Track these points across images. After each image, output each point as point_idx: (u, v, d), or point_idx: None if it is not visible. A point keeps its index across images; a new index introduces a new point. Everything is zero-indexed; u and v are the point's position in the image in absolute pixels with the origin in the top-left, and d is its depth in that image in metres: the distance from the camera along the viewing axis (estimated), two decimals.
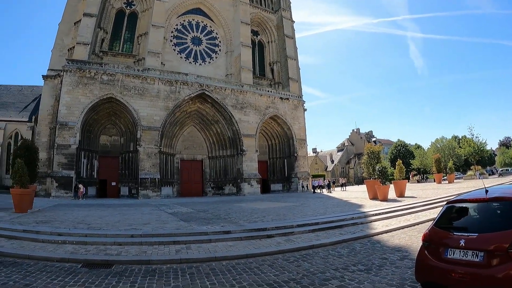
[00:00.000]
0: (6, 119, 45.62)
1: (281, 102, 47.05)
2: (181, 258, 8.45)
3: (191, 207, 22.73)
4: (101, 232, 11.14)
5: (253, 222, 13.65)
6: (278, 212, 17.75)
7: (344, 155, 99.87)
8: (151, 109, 37.17)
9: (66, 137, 33.58)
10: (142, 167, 35.95)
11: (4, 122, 45.23)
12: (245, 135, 42.08)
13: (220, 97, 41.49)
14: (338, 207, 19.76)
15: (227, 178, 43.59)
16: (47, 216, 15.79)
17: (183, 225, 12.98)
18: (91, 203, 27.19)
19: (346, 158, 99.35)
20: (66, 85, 34.53)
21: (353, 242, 10.84)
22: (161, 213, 18.35)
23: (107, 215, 16.96)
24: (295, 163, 46.94)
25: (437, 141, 69.72)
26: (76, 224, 13.01)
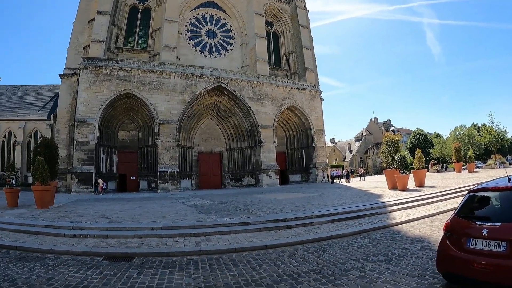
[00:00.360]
0: (25, 119, 46.68)
1: (297, 92, 46.69)
2: (201, 250, 8.47)
3: (210, 199, 22.83)
4: (121, 225, 11.27)
5: (272, 213, 13.62)
6: (297, 203, 17.66)
7: (362, 144, 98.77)
8: (168, 103, 37.33)
9: (85, 133, 34.08)
10: (161, 161, 36.21)
11: (23, 122, 46.31)
12: (262, 127, 41.94)
13: (237, 89, 41.40)
14: (357, 197, 19.56)
15: (246, 169, 43.61)
16: (68, 211, 16.05)
17: (202, 217, 13.02)
18: (111, 197, 27.56)
19: (364, 147, 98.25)
20: (83, 82, 35.00)
21: (373, 232, 10.69)
22: (181, 205, 18.47)
23: (127, 208, 17.15)
24: (313, 154, 46.64)
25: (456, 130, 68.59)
26: (97, 218, 13.18)
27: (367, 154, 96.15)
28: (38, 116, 48.22)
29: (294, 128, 48.54)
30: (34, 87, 55.98)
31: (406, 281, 5.85)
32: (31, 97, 52.92)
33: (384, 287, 5.68)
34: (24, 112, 49.08)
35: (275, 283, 6.10)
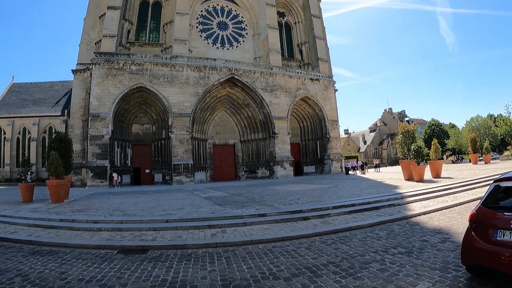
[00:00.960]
0: (39, 115, 47.21)
1: (311, 83, 46.15)
2: (216, 242, 8.32)
3: (225, 191, 22.73)
4: (136, 218, 11.19)
5: (288, 205, 13.41)
6: (312, 194, 17.43)
7: (376, 135, 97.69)
8: (181, 96, 37.23)
9: (98, 128, 34.21)
10: (175, 153, 36.21)
11: (37, 118, 46.95)
12: (276, 118, 41.58)
13: (250, 81, 41.08)
14: (373, 188, 19.23)
15: (260, 161, 43.41)
16: (83, 205, 16.07)
17: (217, 209, 12.90)
18: (125, 190, 27.66)
19: (378, 138, 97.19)
20: (95, 77, 35.08)
21: (391, 224, 10.46)
22: (195, 197, 18.37)
23: (142, 201, 17.11)
24: (328, 145, 46.18)
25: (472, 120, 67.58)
26: (111, 211, 13.13)
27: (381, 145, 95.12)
28: (52, 112, 48.77)
29: (308, 119, 48.08)
30: (47, 84, 56.59)
31: (428, 275, 5.62)
32: (44, 93, 53.52)
33: (406, 280, 5.46)
34: (38, 108, 49.69)
35: (293, 276, 5.91)
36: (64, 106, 48.43)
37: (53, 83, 56.73)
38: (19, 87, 55.95)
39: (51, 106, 50.03)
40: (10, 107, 50.59)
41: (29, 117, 48.74)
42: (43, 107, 50.08)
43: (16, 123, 48.86)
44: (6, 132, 48.85)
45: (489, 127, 61.42)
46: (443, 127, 78.22)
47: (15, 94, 53.62)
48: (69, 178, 20.50)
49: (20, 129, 49.09)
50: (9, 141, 48.15)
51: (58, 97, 51.88)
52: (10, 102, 51.68)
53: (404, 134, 24.82)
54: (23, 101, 51.82)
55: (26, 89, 55.12)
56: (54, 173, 17.65)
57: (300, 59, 51.53)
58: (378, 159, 58.01)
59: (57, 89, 54.25)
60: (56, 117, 47.88)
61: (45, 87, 55.53)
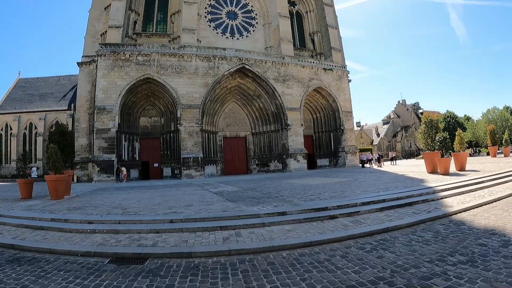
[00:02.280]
0: (45, 110, 46.39)
1: (324, 73, 44.45)
2: (230, 249, 6.79)
3: (237, 185, 21.29)
4: (136, 217, 9.68)
5: (310, 201, 11.84)
6: (333, 189, 15.85)
7: (390, 128, 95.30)
8: (190, 87, 35.85)
9: (105, 121, 33.16)
10: (184, 147, 34.89)
11: (44, 113, 46.33)
12: (289, 109, 40.01)
13: (261, 71, 39.48)
14: (397, 182, 17.49)
15: (272, 154, 41.93)
16: (83, 201, 14.73)
17: (230, 206, 11.38)
18: (132, 185, 26.38)
19: (392, 131, 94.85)
20: (101, 69, 34.01)
21: (432, 223, 8.98)
22: (205, 193, 16.91)
23: (147, 197, 15.70)
24: (342, 137, 44.53)
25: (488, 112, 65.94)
26: (111, 209, 11.72)
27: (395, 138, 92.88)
28: (58, 106, 48.16)
29: (321, 111, 46.42)
30: (53, 78, 56.04)
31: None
32: (51, 88, 52.98)
33: None
34: (44, 103, 49.09)
35: None
36: (70, 100, 47.64)
37: (60, 77, 56.09)
38: (25, 82, 55.58)
39: (57, 101, 49.32)
40: (17, 103, 50.06)
41: (35, 112, 48.09)
42: (50, 101, 49.42)
43: (23, 119, 48.37)
44: (12, 127, 48.35)
45: (506, 119, 59.49)
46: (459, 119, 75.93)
47: (21, 90, 53.26)
48: (70, 173, 19.21)
49: (26, 125, 48.58)
50: (15, 137, 47.63)
51: (64, 91, 51.12)
52: (16, 97, 51.20)
53: (428, 124, 23.04)
54: (29, 96, 51.30)
55: (32, 84, 54.66)
56: (52, 168, 16.40)
57: (312, 48, 49.66)
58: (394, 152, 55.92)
59: (63, 83, 53.54)
60: (63, 111, 47.12)
61: (51, 82, 54.94)
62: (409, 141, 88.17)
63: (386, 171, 28.54)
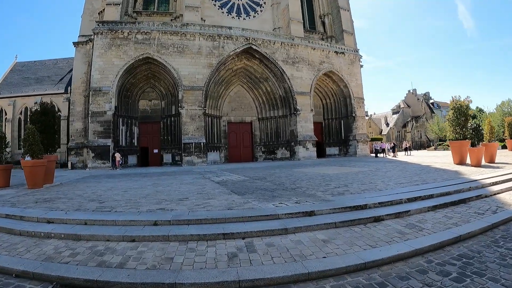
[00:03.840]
0: (40, 93, 44.08)
1: (336, 56, 41.66)
2: (239, 280, 4.21)
3: (243, 173, 18.81)
4: (109, 217, 7.07)
5: (339, 195, 9.26)
6: (359, 180, 13.29)
7: (400, 117, 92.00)
8: (192, 67, 33.21)
9: (100, 103, 30.88)
10: (185, 131, 32.40)
11: (39, 97, 43.97)
12: (298, 93, 37.28)
13: (269, 52, 36.68)
14: (429, 174, 14.70)
15: (279, 141, 39.36)
16: (60, 192, 12.24)
17: (236, 201, 8.81)
18: (127, 172, 24.03)
19: (402, 121, 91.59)
20: (97, 48, 31.65)
21: (506, 226, 6.83)
22: (206, 182, 14.40)
23: (137, 187, 13.19)
24: (353, 125, 41.90)
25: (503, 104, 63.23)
26: (86, 202, 9.22)
27: (405, 128, 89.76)
28: (55, 90, 45.87)
29: (332, 96, 43.73)
30: (51, 61, 53.78)
31: None
32: (48, 71, 50.76)
33: None
34: (41, 87, 46.81)
35: None
36: (67, 83, 45.26)
37: (57, 60, 53.71)
38: (22, 66, 53.33)
39: (54, 84, 47.06)
40: (12, 87, 47.88)
41: (31, 95, 45.82)
42: (46, 85, 47.13)
43: (18, 103, 46.27)
44: (7, 112, 46.24)
45: None
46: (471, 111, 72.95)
47: (17, 73, 51.11)
48: (52, 158, 16.69)
49: (21, 109, 46.46)
50: (10, 122, 45.33)
51: (62, 74, 48.76)
52: (12, 81, 49.03)
53: (456, 110, 20.29)
54: (25, 80, 49.10)
55: (30, 68, 52.44)
56: (29, 151, 13.97)
57: (323, 31, 46.75)
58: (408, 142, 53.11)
59: (61, 66, 51.19)
60: (59, 95, 44.78)
61: (49, 65, 52.70)
62: (420, 131, 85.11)
63: (406, 162, 25.87)
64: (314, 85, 39.24)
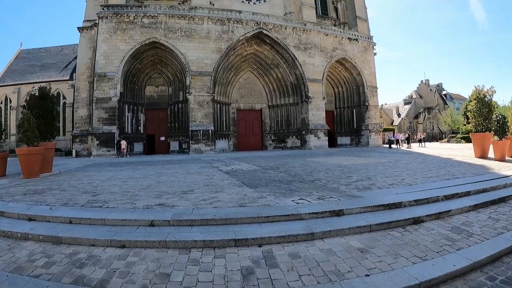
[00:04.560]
0: (45, 80, 43.05)
1: (349, 43, 40.16)
2: None
3: (253, 162, 17.78)
4: (99, 214, 5.96)
5: (366, 190, 8.15)
6: (380, 172, 12.14)
7: (412, 108, 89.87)
8: (200, 52, 31.99)
9: (105, 89, 29.93)
10: (193, 118, 31.30)
11: (44, 84, 42.75)
12: (310, 80, 35.91)
13: (280, 37, 35.27)
14: (454, 167, 13.42)
15: (290, 129, 38.14)
16: (55, 182, 11.27)
17: (248, 195, 7.72)
18: (132, 160, 23.07)
19: (414, 112, 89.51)
20: (102, 33, 30.58)
21: None
22: (214, 172, 13.35)
23: (138, 176, 12.19)
24: (366, 114, 40.51)
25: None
26: (78, 195, 8.21)
27: (417, 119, 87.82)
28: (60, 77, 44.85)
29: (344, 84, 42.30)
30: (56, 48, 52.70)
31: None
32: (53, 58, 49.72)
33: None
34: (46, 74, 45.79)
35: None
36: (73, 70, 44.32)
37: (63, 47, 52.59)
38: (27, 53, 52.32)
39: (59, 71, 46.08)
40: (17, 74, 47.02)
41: (36, 83, 44.62)
42: (51, 72, 46.15)
43: (22, 91, 45.08)
44: (12, 100, 45.32)
45: None
46: None
47: (22, 61, 50.09)
48: (50, 145, 15.70)
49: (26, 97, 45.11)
50: (14, 110, 44.39)
51: (67, 61, 47.76)
52: (17, 69, 48.14)
53: (479, 101, 18.96)
54: (30, 67, 48.14)
55: (35, 55, 51.35)
56: (24, 138, 13.00)
57: (335, 17, 45.15)
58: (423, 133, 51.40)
59: (66, 53, 50.12)
60: (64, 81, 43.80)
61: (54, 52, 51.60)
62: (432, 123, 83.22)
63: (423, 153, 24.55)
64: (326, 72, 37.87)
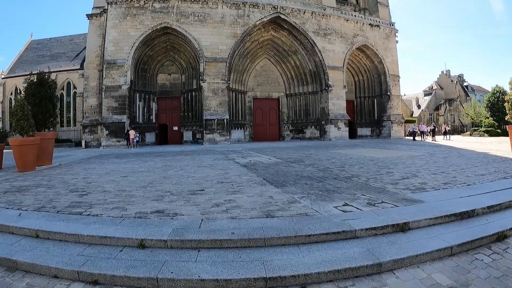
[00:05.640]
0: (56, 70, 42.10)
1: (370, 29, 38.11)
2: None
3: (273, 154, 16.20)
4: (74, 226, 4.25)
5: (418, 191, 6.46)
6: (422, 167, 10.44)
7: (432, 100, 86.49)
8: (215, 37, 30.43)
9: (115, 77, 28.79)
10: (207, 106, 29.86)
11: (54, 73, 41.85)
12: (330, 67, 34.03)
13: (299, 22, 33.41)
14: (500, 163, 11.67)
15: (309, 119, 36.36)
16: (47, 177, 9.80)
17: (275, 197, 6.06)
18: (141, 151, 21.68)
19: (434, 103, 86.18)
20: (111, 19, 29.48)
21: None
22: (230, 165, 11.79)
23: (142, 170, 10.68)
24: (388, 104, 38.52)
25: None
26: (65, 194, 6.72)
27: (437, 111, 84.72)
28: (70, 66, 43.79)
29: (365, 73, 40.28)
30: (67, 38, 51.66)
31: None
32: (63, 48, 48.74)
33: None
34: (56, 63, 44.71)
35: None
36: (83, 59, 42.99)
37: (73, 36, 51.49)
38: (37, 43, 51.45)
39: (70, 60, 45.05)
40: (27, 65, 46.18)
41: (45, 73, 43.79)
42: (62, 62, 45.11)
43: None
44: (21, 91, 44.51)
45: None
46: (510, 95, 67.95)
47: (32, 51, 49.25)
48: (49, 135, 14.31)
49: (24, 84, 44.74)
50: None
51: (78, 50, 46.60)
52: (27, 59, 47.32)
53: None
54: (40, 57, 47.23)
55: (45, 45, 50.48)
56: (17, 127, 11.64)
57: (355, 3, 42.94)
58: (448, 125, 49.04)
59: (77, 42, 48.94)
60: (74, 71, 42.64)
61: (64, 41, 50.58)
62: (453, 115, 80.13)
63: (454, 147, 22.49)
64: (347, 60, 35.95)
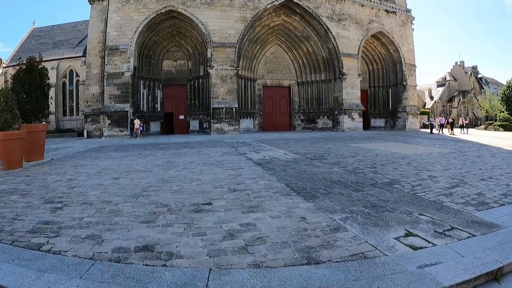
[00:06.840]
0: (58, 58, 40.79)
1: (386, 16, 36.21)
2: None
3: (288, 147, 14.78)
4: (20, 278, 2.96)
5: (480, 207, 4.91)
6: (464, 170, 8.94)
7: (445, 91, 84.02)
8: (223, 21, 28.80)
9: (117, 63, 27.44)
10: (215, 94, 28.39)
11: (56, 61, 40.65)
12: (344, 55, 32.30)
13: (312, 6, 31.54)
14: None
15: (321, 109, 34.65)
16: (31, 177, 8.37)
17: (309, 218, 4.51)
18: (144, 142, 20.29)
19: (447, 95, 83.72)
20: (113, 2, 28.09)
21: None
22: (241, 162, 10.24)
23: (140, 168, 9.19)
24: (403, 94, 36.76)
25: None
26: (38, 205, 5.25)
27: (450, 103, 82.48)
28: (73, 54, 42.36)
29: (380, 61, 38.45)
30: (69, 25, 50.19)
31: None
32: (66, 35, 47.30)
33: None
34: (58, 51, 43.42)
35: None
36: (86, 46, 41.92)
37: (76, 23, 49.98)
38: (40, 31, 50.19)
39: (72, 48, 43.62)
40: (29, 53, 44.17)
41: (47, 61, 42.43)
42: (64, 49, 43.75)
43: None
44: None
45: None
46: None
47: (35, 39, 48.01)
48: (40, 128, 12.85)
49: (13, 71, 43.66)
50: None
51: (81, 37, 45.16)
52: (29, 47, 45.85)
53: None
54: (42, 45, 45.78)
55: (47, 33, 49.13)
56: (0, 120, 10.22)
57: None
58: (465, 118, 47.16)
59: (80, 29, 47.35)
60: (77, 58, 41.18)
61: (67, 29, 49.13)
62: (467, 108, 77.93)
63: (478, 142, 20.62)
64: (362, 47, 34.20)
